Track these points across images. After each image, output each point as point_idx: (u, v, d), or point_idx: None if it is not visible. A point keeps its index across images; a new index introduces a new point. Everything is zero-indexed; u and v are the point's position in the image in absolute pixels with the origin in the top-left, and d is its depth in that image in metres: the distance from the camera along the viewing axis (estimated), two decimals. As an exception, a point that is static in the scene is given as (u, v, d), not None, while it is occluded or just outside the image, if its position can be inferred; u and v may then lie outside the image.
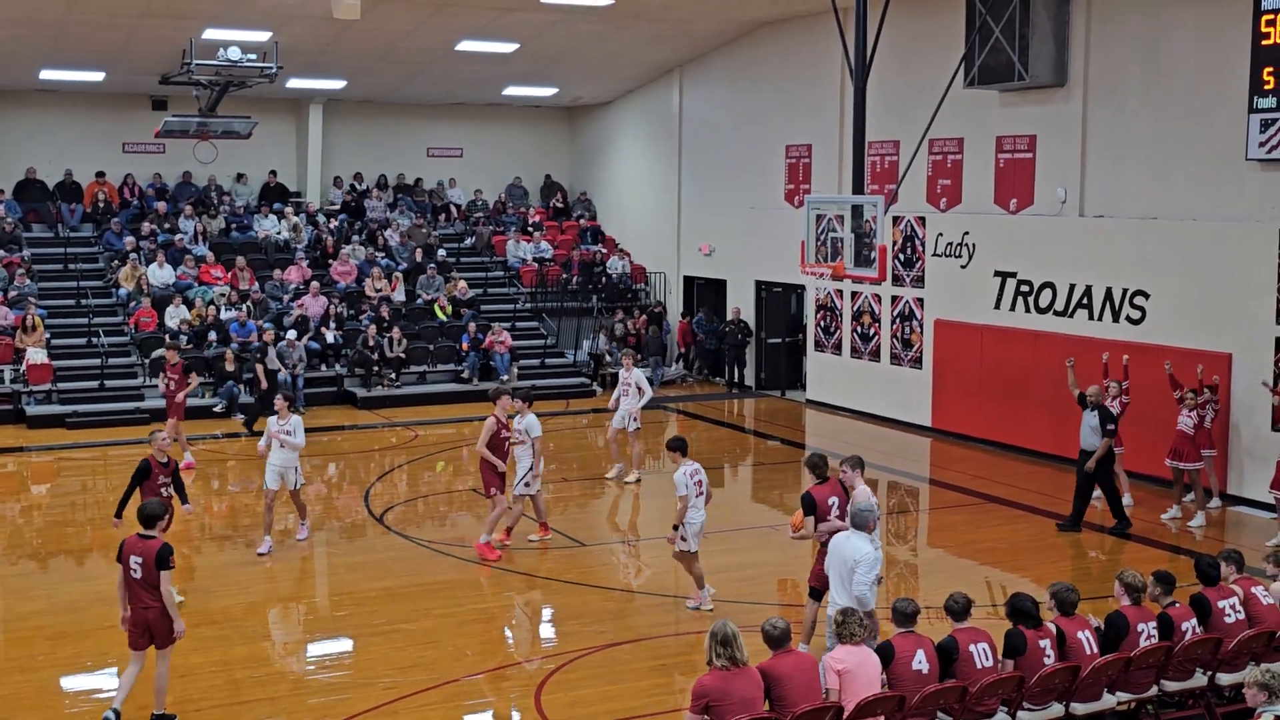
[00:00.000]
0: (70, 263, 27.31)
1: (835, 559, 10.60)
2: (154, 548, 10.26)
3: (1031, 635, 9.59)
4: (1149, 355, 18.69)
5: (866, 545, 10.53)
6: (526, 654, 12.43)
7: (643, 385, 19.16)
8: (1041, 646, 9.56)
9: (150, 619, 10.33)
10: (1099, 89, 19.91)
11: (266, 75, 20.82)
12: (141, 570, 10.25)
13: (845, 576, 10.46)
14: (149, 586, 10.26)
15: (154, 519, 10.49)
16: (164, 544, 10.35)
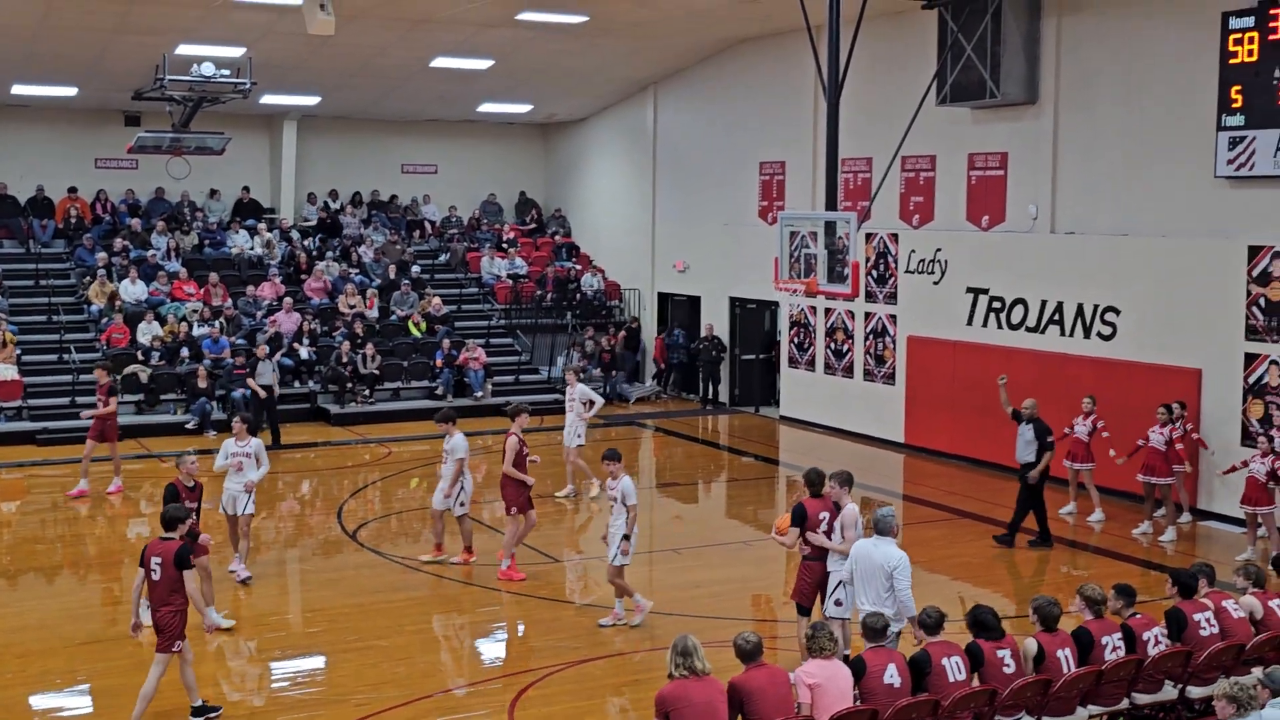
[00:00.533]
0: (41, 279, 27.16)
1: (864, 565, 10.80)
2: (173, 549, 10.49)
3: (989, 647, 9.61)
4: (1120, 371, 18.81)
5: (899, 551, 10.76)
6: (499, 670, 12.39)
7: (591, 397, 19.21)
8: (1000, 657, 9.58)
9: (157, 620, 10.52)
10: (1070, 107, 20.06)
11: (240, 91, 20.77)
12: (160, 570, 10.46)
13: (876, 581, 10.68)
14: (166, 588, 10.45)
15: (175, 521, 10.76)
16: (182, 544, 10.57)
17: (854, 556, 10.98)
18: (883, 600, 10.62)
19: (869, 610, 10.34)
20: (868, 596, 10.74)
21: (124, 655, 12.39)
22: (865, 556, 10.84)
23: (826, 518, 11.80)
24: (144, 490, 20.24)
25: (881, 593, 10.67)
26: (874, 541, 10.88)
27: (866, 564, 10.80)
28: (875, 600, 10.63)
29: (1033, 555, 16.36)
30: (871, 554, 10.79)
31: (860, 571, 10.85)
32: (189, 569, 10.49)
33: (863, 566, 10.83)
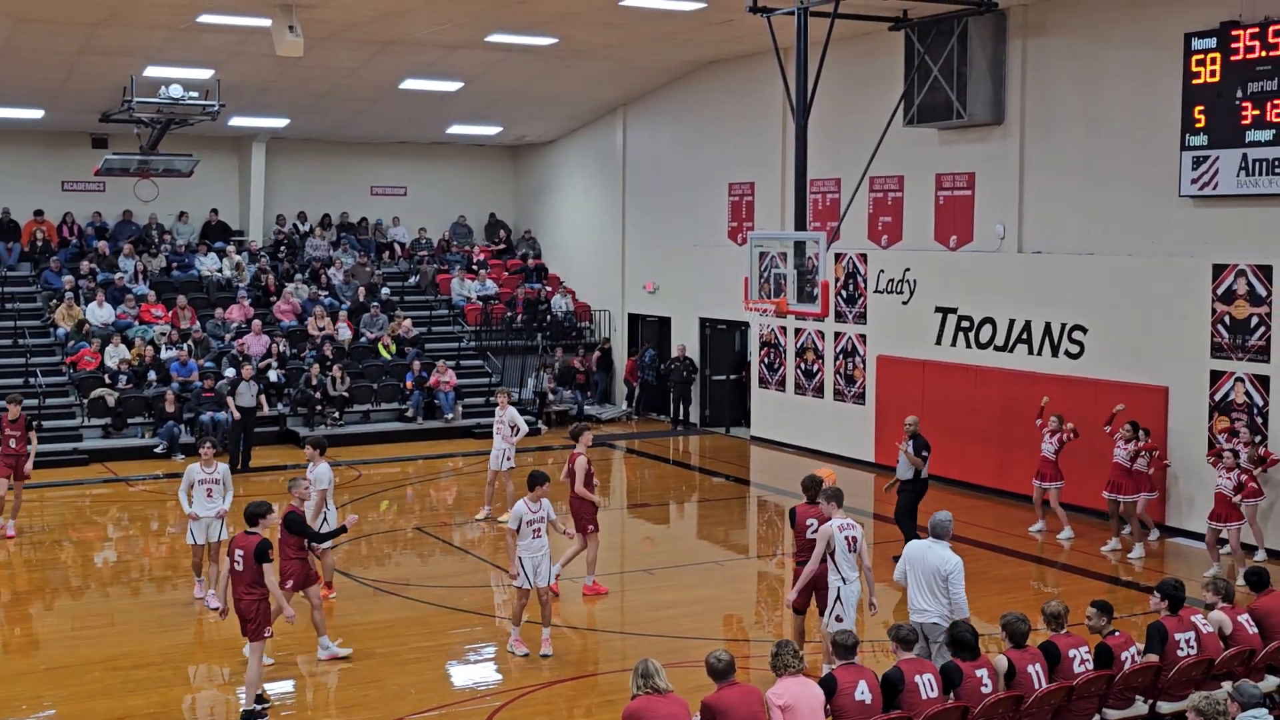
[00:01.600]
0: (7, 302, 26.98)
1: (918, 566, 11.03)
2: (254, 542, 11.18)
3: (967, 667, 9.64)
4: (1087, 389, 18.92)
5: (954, 555, 11.02)
6: (470, 693, 12.33)
7: (517, 423, 18.96)
8: (979, 676, 9.61)
9: (241, 609, 11.23)
10: (1036, 127, 20.22)
11: (209, 113, 20.75)
12: (242, 563, 11.18)
13: (932, 584, 10.94)
14: (247, 579, 11.16)
15: (258, 517, 11.42)
16: (263, 539, 11.23)
17: (907, 559, 11.20)
18: (936, 601, 10.93)
19: (918, 608, 10.89)
20: (919, 595, 11.02)
21: (89, 681, 12.28)
22: (920, 559, 11.11)
23: (814, 524, 12.23)
24: (110, 514, 20.11)
25: (937, 594, 10.96)
26: (929, 544, 11.18)
27: (921, 565, 11.07)
28: (929, 601, 10.95)
29: (1003, 573, 16.40)
30: (926, 556, 11.08)
31: (914, 573, 11.09)
32: (269, 562, 11.18)
33: (917, 568, 11.09)
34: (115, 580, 16.35)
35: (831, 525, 11.83)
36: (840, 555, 11.73)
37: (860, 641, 9.64)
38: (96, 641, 13.50)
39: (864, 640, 13.38)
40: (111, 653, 13.13)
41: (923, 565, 11.07)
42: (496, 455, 18.94)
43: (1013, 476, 19.95)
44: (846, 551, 11.74)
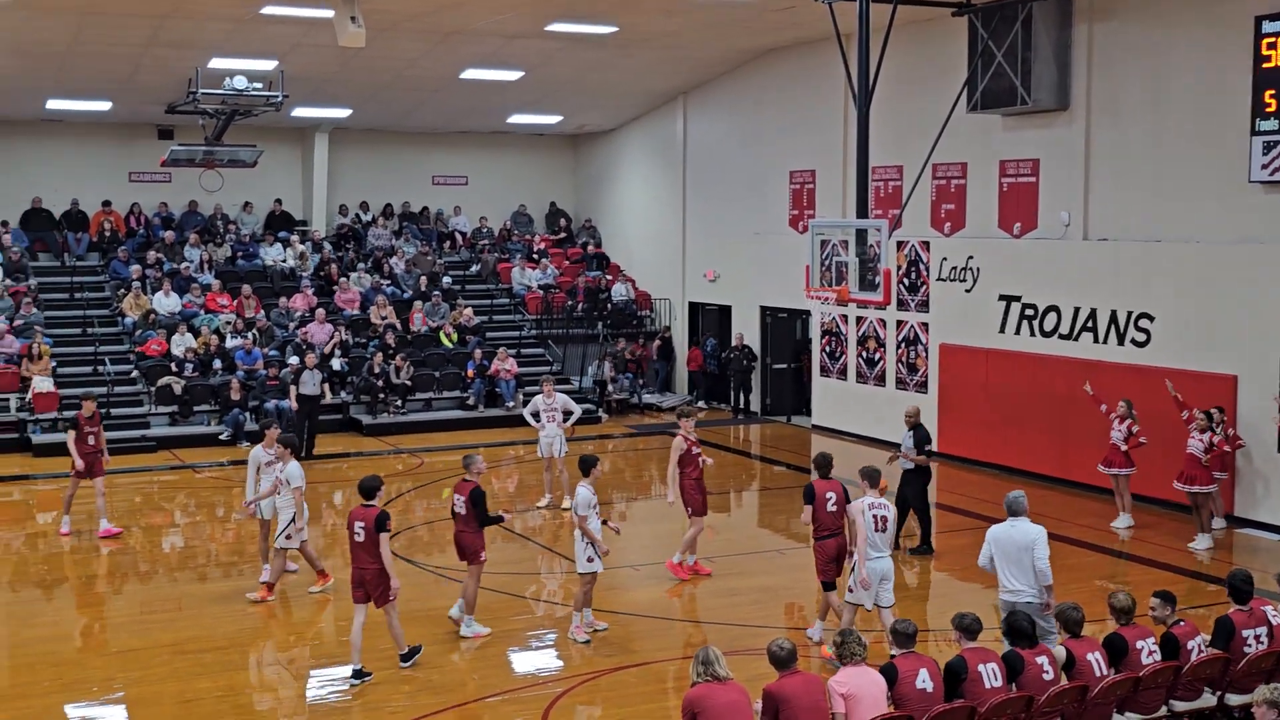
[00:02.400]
0: (76, 292, 27.39)
1: (1004, 546, 11.09)
2: (373, 514, 11.86)
3: (1028, 654, 9.57)
4: (1154, 378, 18.68)
5: (1035, 526, 11.12)
6: (533, 679, 12.38)
7: (570, 408, 19.28)
8: (1040, 664, 9.54)
9: (367, 578, 11.92)
10: (1102, 112, 19.97)
11: (272, 104, 20.94)
12: (364, 534, 11.83)
13: (1021, 561, 10.98)
14: (369, 549, 11.84)
15: (373, 491, 12.08)
16: (382, 511, 11.93)
17: (992, 540, 11.22)
18: (1022, 577, 10.98)
19: (1011, 588, 10.93)
20: (1012, 575, 11.05)
21: (159, 663, 12.46)
22: (1005, 538, 11.15)
23: (834, 498, 12.63)
24: (177, 500, 20.37)
25: (1021, 570, 11.00)
26: (1010, 523, 11.22)
27: (1007, 544, 11.11)
28: (1021, 578, 10.98)
29: (1068, 563, 16.22)
30: (1011, 535, 11.12)
31: (1001, 553, 11.12)
32: (386, 532, 11.80)
33: (1003, 548, 11.12)
34: (182, 566, 16.56)
35: (861, 503, 12.23)
36: (868, 534, 12.14)
37: (918, 630, 9.58)
38: (165, 625, 13.69)
39: (929, 630, 13.34)
40: (180, 636, 13.31)
41: (1010, 544, 11.10)
42: (547, 442, 19.02)
43: (1076, 466, 19.75)
44: (872, 530, 12.11)
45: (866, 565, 12.12)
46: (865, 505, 12.18)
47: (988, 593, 14.88)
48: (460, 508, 13.10)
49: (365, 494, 12.11)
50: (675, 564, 15.51)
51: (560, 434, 19.06)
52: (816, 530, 12.74)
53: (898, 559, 14.45)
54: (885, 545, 12.25)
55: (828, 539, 12.68)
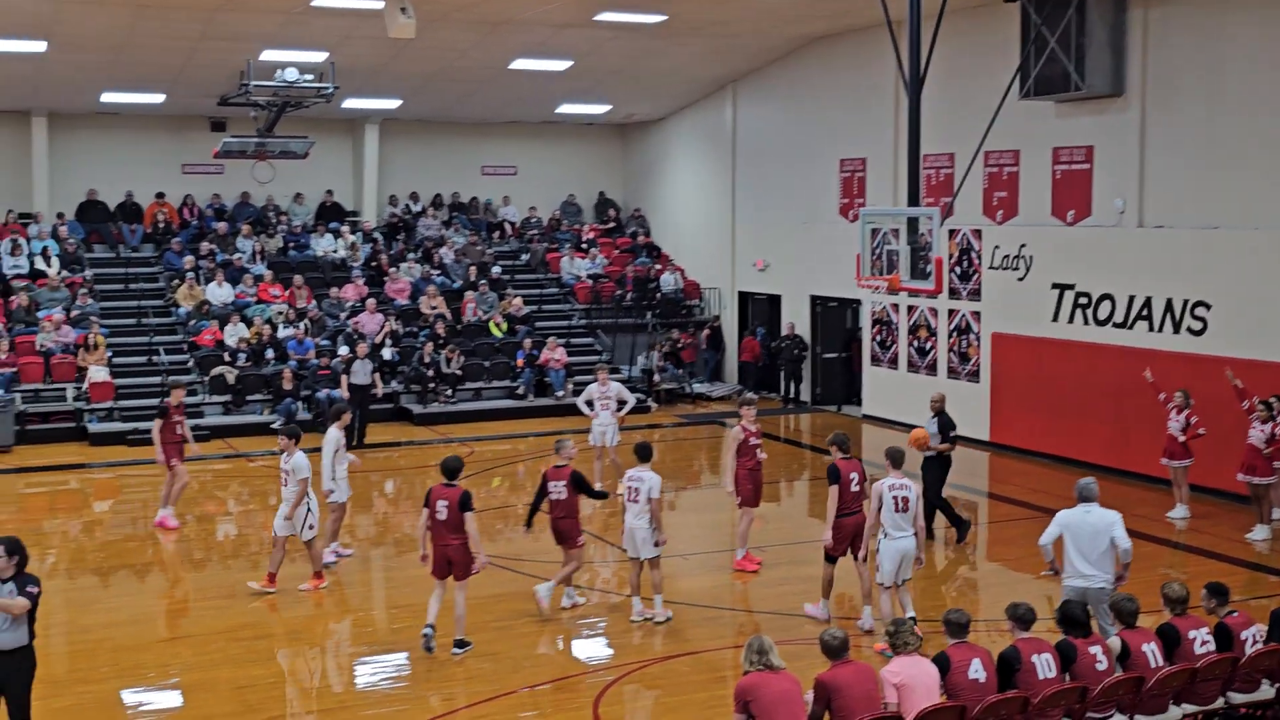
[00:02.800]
0: (131, 282, 27.67)
1: (1080, 531, 11.13)
2: (457, 494, 12.26)
3: (1081, 644, 9.50)
4: (1211, 367, 18.46)
5: (1111, 510, 11.21)
6: (584, 666, 12.41)
7: (625, 397, 19.41)
8: (1093, 654, 9.46)
9: (450, 554, 12.33)
10: (1157, 98, 19.72)
11: (323, 95, 21.03)
12: (447, 512, 12.25)
13: (1096, 547, 11.06)
14: (452, 526, 12.25)
15: (455, 470, 12.46)
16: (465, 490, 12.28)
17: (1065, 526, 11.21)
18: (1100, 563, 11.06)
19: (1084, 574, 11.00)
20: (1086, 560, 11.09)
21: (214, 650, 12.58)
22: (1079, 524, 11.18)
23: (856, 477, 13.06)
24: (231, 489, 20.55)
25: (1101, 555, 11.06)
26: (1084, 509, 11.25)
27: (1082, 530, 11.14)
28: (1094, 563, 11.05)
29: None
30: (1086, 520, 11.15)
31: (1073, 539, 11.14)
32: (470, 510, 12.20)
33: (1078, 533, 11.14)
34: (236, 554, 16.71)
35: (882, 484, 12.52)
36: (886, 513, 12.46)
37: (970, 620, 9.52)
38: (219, 612, 13.81)
39: (980, 620, 13.26)
40: (234, 623, 13.43)
41: (1086, 530, 11.10)
42: (600, 431, 19.07)
43: (1131, 455, 19.56)
44: (893, 510, 12.44)
45: (892, 544, 12.51)
46: (887, 486, 12.50)
47: (1040, 583, 14.81)
48: (560, 493, 13.28)
49: (448, 474, 12.45)
50: (740, 560, 15.44)
51: (614, 423, 19.12)
52: (841, 508, 13.03)
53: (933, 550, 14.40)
54: (908, 525, 12.55)
55: (846, 518, 13.05)
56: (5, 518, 18.17)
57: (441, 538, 12.38)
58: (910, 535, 12.57)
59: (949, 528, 16.59)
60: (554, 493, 13.38)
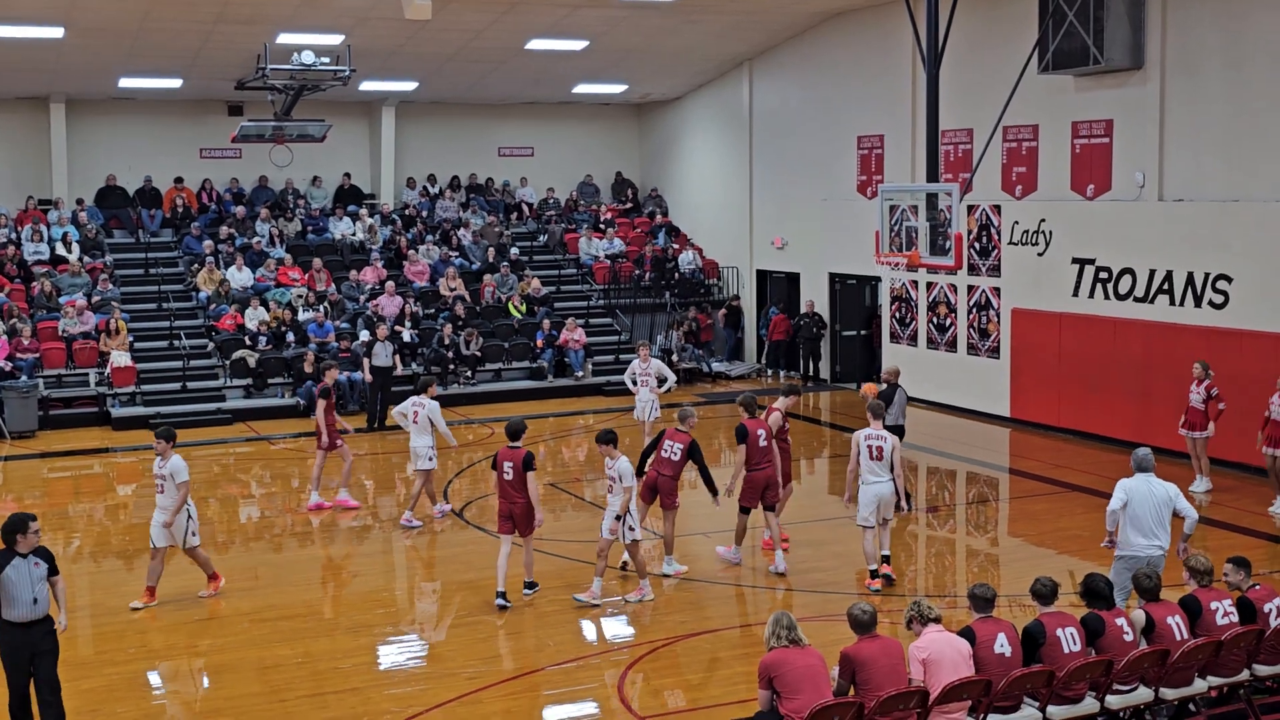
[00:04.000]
0: (151, 267, 27.77)
1: (1142, 500, 11.10)
2: (521, 455, 12.99)
3: (1108, 616, 9.49)
4: (1232, 341, 18.38)
5: (1169, 484, 11.24)
6: (607, 645, 12.45)
7: (665, 374, 19.70)
8: (1120, 625, 9.45)
9: (515, 511, 13.07)
10: (1177, 71, 19.60)
11: (340, 78, 21.02)
12: (512, 472, 12.99)
13: (1160, 515, 11.07)
14: (516, 485, 12.99)
15: (519, 432, 13.25)
16: (528, 452, 13.02)
17: (1129, 494, 11.18)
18: (1158, 532, 11.06)
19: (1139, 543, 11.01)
20: (1143, 530, 11.08)
21: (238, 632, 12.65)
22: (1146, 493, 11.16)
23: (764, 435, 14.20)
24: (253, 472, 20.64)
25: (1160, 524, 11.08)
26: (1143, 479, 11.23)
27: (1149, 499, 11.11)
28: (1153, 531, 11.05)
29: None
30: (1151, 490, 11.13)
31: (1136, 507, 11.11)
32: (533, 470, 12.95)
33: (1140, 502, 11.12)
34: (259, 536, 16.79)
35: (860, 434, 13.67)
36: (862, 460, 13.56)
37: (996, 595, 9.52)
38: (243, 594, 13.88)
39: (1000, 595, 13.26)
40: (258, 605, 13.51)
41: (1150, 499, 11.09)
42: (642, 407, 19.45)
43: (1153, 430, 19.48)
44: (868, 458, 13.54)
45: (868, 489, 13.58)
46: (863, 436, 13.65)
47: (1062, 558, 14.81)
48: (674, 454, 13.97)
49: (512, 435, 13.22)
50: (767, 540, 15.35)
51: (654, 399, 19.55)
52: (749, 463, 14.14)
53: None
54: (883, 471, 13.56)
55: (756, 472, 14.18)
56: (31, 502, 18.29)
57: (507, 495, 13.09)
58: (886, 481, 13.56)
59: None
60: (668, 452, 14.05)
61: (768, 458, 14.23)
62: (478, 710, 10.68)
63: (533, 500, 12.97)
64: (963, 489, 19.08)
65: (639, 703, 10.72)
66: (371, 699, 10.97)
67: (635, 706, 10.64)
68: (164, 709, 10.91)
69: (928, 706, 8.66)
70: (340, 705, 10.84)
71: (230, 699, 10.99)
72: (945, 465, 20.08)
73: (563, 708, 10.89)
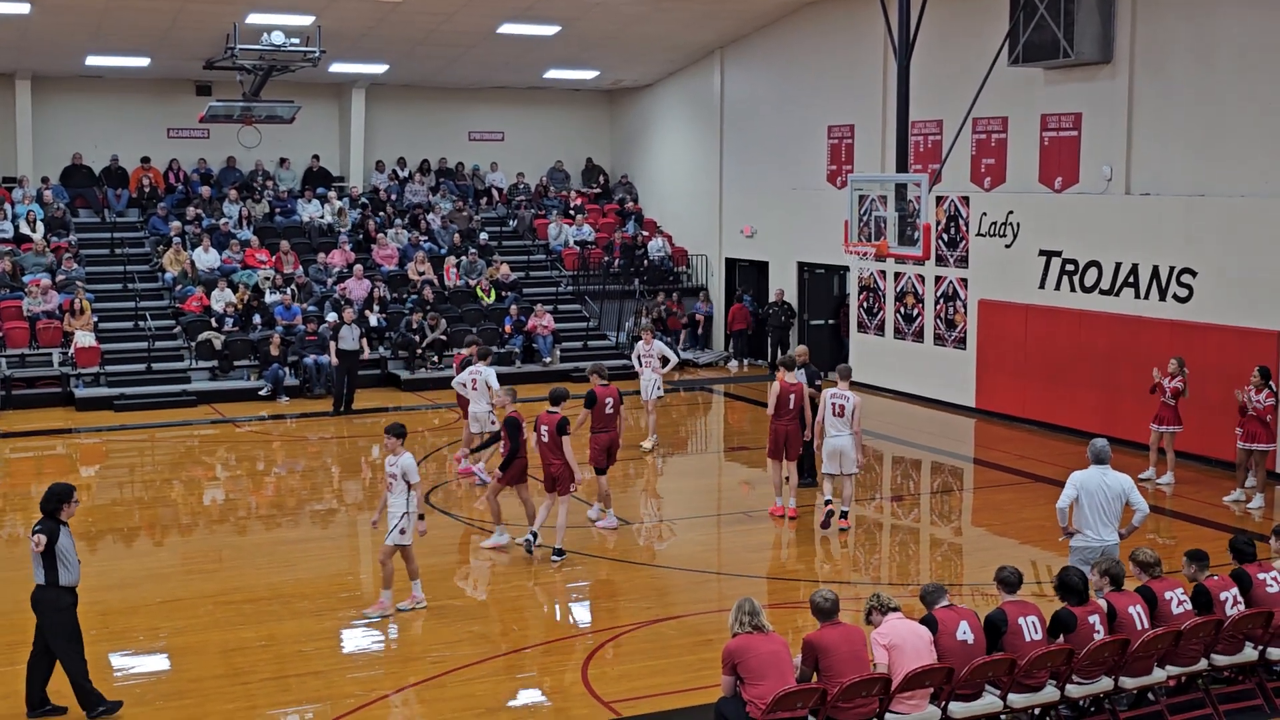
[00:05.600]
0: (117, 247, 27.56)
1: (1098, 494, 11.12)
2: (556, 419, 13.81)
3: (1080, 612, 9.55)
4: (1196, 334, 18.53)
5: (1123, 476, 11.28)
6: (572, 630, 12.46)
7: (667, 354, 20.07)
8: (1091, 623, 9.51)
9: (553, 471, 13.89)
10: (1145, 65, 19.71)
11: (309, 60, 20.91)
12: (548, 435, 13.79)
13: (1110, 507, 11.11)
14: (553, 447, 13.79)
15: (560, 399, 14.09)
16: (563, 417, 13.82)
17: (1080, 486, 11.21)
18: (1111, 523, 11.13)
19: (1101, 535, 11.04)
20: (1100, 520, 11.11)
21: (202, 614, 12.60)
22: (1097, 487, 11.17)
23: (612, 401, 15.39)
24: (218, 455, 20.54)
25: (1114, 516, 11.16)
26: (1099, 471, 11.25)
27: (1100, 492, 11.14)
28: (1106, 522, 11.10)
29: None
30: (1104, 483, 11.16)
31: (1089, 500, 11.13)
32: (567, 435, 13.75)
33: (1095, 496, 11.13)
34: (223, 518, 16.72)
35: (826, 393, 15.17)
36: (826, 416, 15.07)
37: (947, 589, 9.58)
38: (207, 577, 13.84)
39: (963, 584, 13.36)
40: (222, 587, 13.46)
41: (1103, 492, 11.11)
42: (647, 386, 19.85)
43: (1119, 422, 19.61)
44: (831, 415, 15.01)
45: (830, 441, 15.05)
46: (829, 395, 15.11)
47: (1024, 548, 14.92)
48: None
49: (554, 400, 14.09)
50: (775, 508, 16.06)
51: (657, 379, 19.90)
52: (593, 427, 15.32)
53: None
54: (845, 427, 14.96)
55: (601, 434, 15.42)
56: (-8, 482, 18.17)
57: (545, 457, 13.92)
58: (846, 435, 14.98)
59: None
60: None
61: (613, 422, 15.58)
62: (441, 694, 10.67)
63: (569, 461, 13.74)
64: (927, 479, 19.17)
65: (603, 688, 10.73)
66: (334, 682, 10.94)
67: (599, 691, 10.66)
68: (128, 690, 10.84)
69: (890, 693, 8.71)
70: (302, 689, 10.81)
71: (193, 681, 10.95)
72: (910, 455, 20.17)
73: (527, 693, 10.89)
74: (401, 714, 10.36)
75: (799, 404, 15.70)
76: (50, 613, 10.12)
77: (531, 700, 10.71)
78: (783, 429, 15.65)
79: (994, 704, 9.16)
